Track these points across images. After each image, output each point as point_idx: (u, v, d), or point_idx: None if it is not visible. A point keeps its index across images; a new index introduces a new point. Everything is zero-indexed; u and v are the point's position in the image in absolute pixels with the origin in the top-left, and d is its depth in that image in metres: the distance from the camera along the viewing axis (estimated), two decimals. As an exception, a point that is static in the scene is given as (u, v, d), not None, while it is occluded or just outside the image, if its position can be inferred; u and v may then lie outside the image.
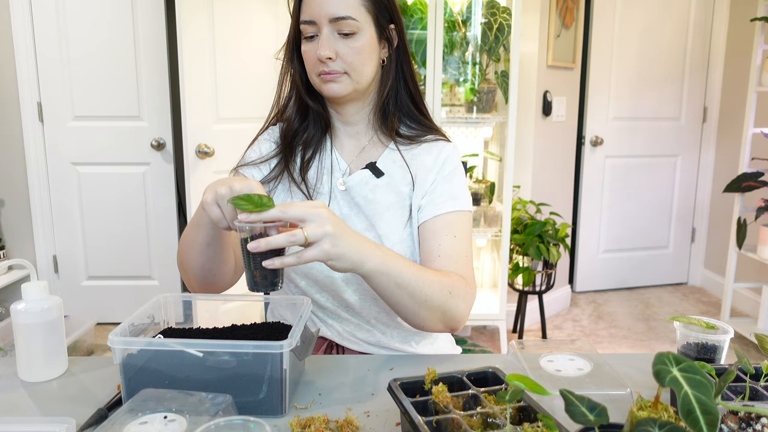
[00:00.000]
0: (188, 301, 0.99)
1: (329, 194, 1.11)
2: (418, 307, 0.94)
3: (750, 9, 3.35)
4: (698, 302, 3.66)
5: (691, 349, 0.88)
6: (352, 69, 1.03)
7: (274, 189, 1.14)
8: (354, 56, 1.02)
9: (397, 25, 1.09)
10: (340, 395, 0.86)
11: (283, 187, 1.14)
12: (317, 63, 1.03)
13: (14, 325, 0.88)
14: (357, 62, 1.03)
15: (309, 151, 1.15)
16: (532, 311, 3.19)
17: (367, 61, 1.04)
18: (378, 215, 1.08)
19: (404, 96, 1.13)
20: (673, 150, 3.81)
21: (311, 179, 1.13)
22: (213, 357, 0.77)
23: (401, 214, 1.08)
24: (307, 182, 1.13)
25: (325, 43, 1.01)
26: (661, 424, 0.53)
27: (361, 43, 1.02)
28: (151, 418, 0.69)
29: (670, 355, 0.56)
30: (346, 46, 1.02)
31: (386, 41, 1.08)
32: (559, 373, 0.92)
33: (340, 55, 1.02)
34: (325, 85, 1.05)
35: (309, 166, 1.14)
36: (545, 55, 3.09)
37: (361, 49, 1.02)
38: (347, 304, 1.10)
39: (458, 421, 0.65)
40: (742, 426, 0.62)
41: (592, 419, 0.57)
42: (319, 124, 1.15)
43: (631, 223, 3.83)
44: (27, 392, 0.87)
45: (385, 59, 1.09)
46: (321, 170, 1.13)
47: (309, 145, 1.14)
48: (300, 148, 1.15)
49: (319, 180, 1.13)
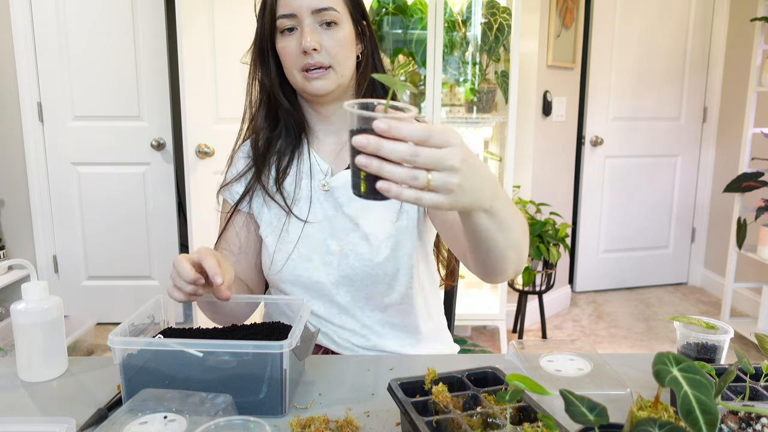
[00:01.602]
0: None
1: (309, 199, 1.09)
2: (507, 250, 0.82)
3: (750, 9, 3.35)
4: (698, 302, 3.66)
5: (691, 349, 0.88)
6: (337, 62, 1.02)
7: (250, 203, 1.12)
8: (338, 48, 1.01)
9: (367, 21, 1.09)
10: (340, 395, 0.86)
11: (258, 200, 1.12)
12: (300, 57, 1.01)
13: (14, 325, 0.88)
14: (341, 54, 1.02)
15: (284, 159, 1.11)
16: (532, 311, 3.19)
17: (349, 54, 1.04)
18: (362, 214, 1.06)
19: (380, 90, 1.12)
20: (673, 150, 3.81)
21: (289, 187, 1.11)
22: (213, 357, 0.77)
23: (389, 209, 1.07)
24: (284, 191, 1.10)
25: (309, 33, 0.99)
26: (661, 424, 0.53)
27: (343, 34, 1.02)
28: (151, 418, 0.69)
29: (670, 355, 0.56)
30: (330, 38, 1.01)
31: (360, 37, 1.08)
32: (559, 373, 0.92)
33: (324, 47, 1.00)
34: (310, 83, 1.02)
35: (286, 174, 1.11)
36: (545, 55, 3.09)
37: (343, 41, 1.02)
38: (339, 306, 1.08)
39: (458, 421, 0.65)
40: (742, 426, 0.62)
41: (592, 419, 0.57)
42: (292, 129, 1.11)
43: (631, 223, 3.83)
44: (27, 392, 0.87)
45: (360, 55, 1.09)
46: (299, 176, 1.11)
47: (284, 153, 1.11)
48: (275, 157, 1.11)
49: (297, 186, 1.10)
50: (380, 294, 1.08)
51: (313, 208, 1.09)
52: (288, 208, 1.09)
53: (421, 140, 0.61)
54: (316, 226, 1.08)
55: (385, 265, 1.05)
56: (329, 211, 1.08)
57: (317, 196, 1.09)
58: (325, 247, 1.07)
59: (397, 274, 1.07)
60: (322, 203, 1.09)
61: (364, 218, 1.06)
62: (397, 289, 1.08)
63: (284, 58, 1.03)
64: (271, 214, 1.11)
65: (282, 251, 1.08)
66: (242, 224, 1.14)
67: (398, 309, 1.10)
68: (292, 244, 1.08)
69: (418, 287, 1.11)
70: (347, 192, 1.06)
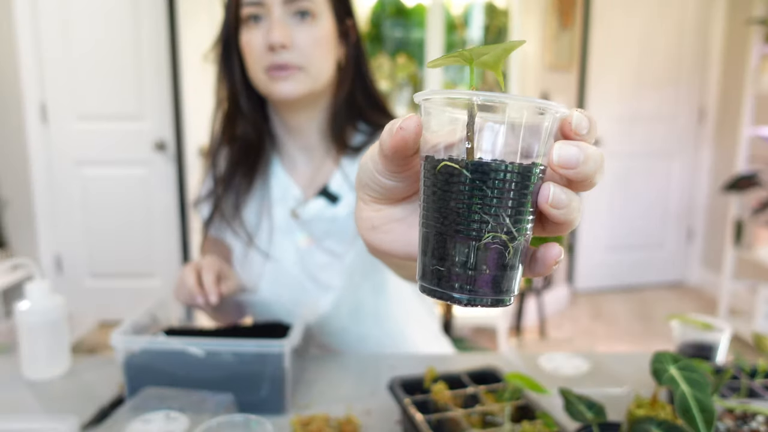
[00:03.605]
0: (190, 300, 0.99)
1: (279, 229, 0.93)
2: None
3: (746, 11, 3.36)
4: (695, 301, 3.67)
5: (688, 347, 0.89)
6: (310, 63, 0.85)
7: (218, 228, 0.99)
8: (313, 47, 0.84)
9: (353, 21, 0.93)
10: (340, 393, 0.86)
11: (225, 228, 0.98)
12: (265, 54, 0.84)
13: (18, 323, 0.89)
14: (316, 55, 0.85)
15: (245, 180, 0.93)
16: (531, 310, 3.20)
17: (327, 56, 0.87)
18: (344, 247, 0.92)
19: (362, 100, 0.94)
20: (670, 150, 3.83)
21: (251, 214, 0.95)
22: (215, 356, 0.78)
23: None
24: (244, 221, 0.94)
25: (277, 26, 0.82)
26: (658, 422, 0.54)
27: (321, 31, 0.85)
28: (153, 417, 0.69)
29: (667, 353, 0.57)
30: (304, 33, 0.84)
31: (344, 38, 0.92)
32: (557, 371, 0.92)
33: (296, 44, 0.84)
34: (274, 84, 0.85)
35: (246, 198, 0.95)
36: (544, 56, 3.09)
37: (320, 39, 0.85)
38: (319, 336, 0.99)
39: (458, 420, 0.66)
40: (738, 424, 0.63)
41: (590, 417, 0.58)
42: (253, 143, 0.93)
43: (629, 222, 3.84)
44: (30, 390, 0.87)
45: (342, 59, 0.93)
46: (264, 203, 0.94)
47: (246, 173, 0.94)
48: (237, 178, 0.94)
49: (267, 214, 0.94)
50: (366, 327, 0.99)
51: (281, 241, 0.95)
52: (249, 239, 0.94)
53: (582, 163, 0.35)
54: (287, 261, 0.95)
55: (373, 302, 0.95)
56: (304, 243, 0.93)
57: (287, 226, 0.94)
58: (298, 284, 0.95)
59: (389, 307, 0.98)
60: (295, 233, 0.94)
61: (347, 252, 0.92)
62: (386, 324, 0.99)
63: (247, 54, 0.86)
64: (236, 242, 0.97)
65: (249, 284, 0.99)
66: (214, 246, 1.04)
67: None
68: (258, 278, 0.97)
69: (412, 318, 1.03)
70: (322, 225, 0.91)
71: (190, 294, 0.86)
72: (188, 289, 0.86)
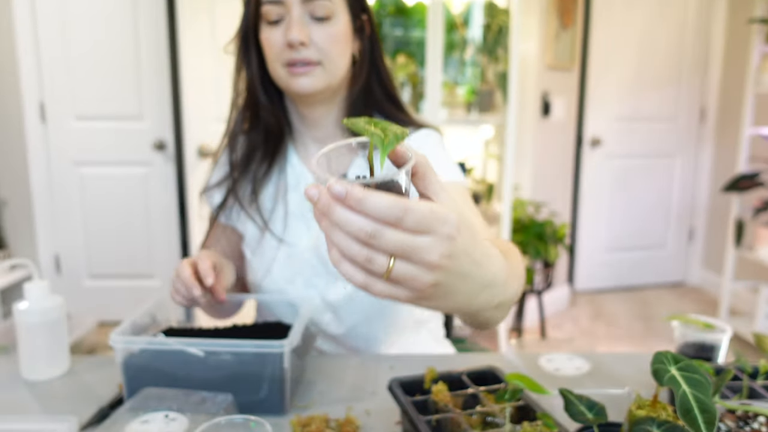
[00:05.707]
0: (189, 300, 0.99)
1: (294, 215, 0.96)
2: (501, 318, 0.66)
3: (747, 10, 3.35)
4: (696, 301, 3.67)
5: (689, 348, 0.89)
6: (328, 59, 0.90)
7: (230, 215, 1.02)
8: (330, 44, 0.89)
9: (369, 16, 0.97)
10: (340, 394, 0.86)
11: (237, 212, 1.02)
12: (284, 50, 0.89)
13: (17, 324, 0.89)
14: (333, 51, 0.90)
15: (262, 168, 0.98)
16: (532, 311, 3.19)
17: (343, 52, 0.92)
18: None
19: (378, 93, 0.99)
20: (671, 150, 3.82)
21: (267, 201, 0.99)
22: (214, 356, 0.77)
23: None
24: (261, 205, 0.98)
25: (297, 25, 0.87)
26: (659, 422, 0.54)
27: (337, 29, 0.90)
28: (152, 417, 0.69)
29: (668, 354, 0.56)
30: (322, 32, 0.89)
31: (359, 33, 0.96)
32: (558, 372, 0.92)
33: (314, 41, 0.89)
34: (294, 79, 0.90)
35: (263, 185, 0.99)
36: (544, 55, 3.09)
37: (337, 37, 0.90)
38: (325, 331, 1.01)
39: (458, 420, 0.66)
40: (739, 424, 0.63)
41: (590, 418, 0.58)
42: (273, 133, 0.99)
43: (630, 223, 3.84)
44: (29, 391, 0.87)
45: (357, 54, 0.97)
46: (283, 188, 0.98)
47: (263, 161, 0.99)
48: (254, 164, 0.99)
49: (280, 199, 0.98)
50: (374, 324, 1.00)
51: (296, 226, 0.98)
52: (264, 224, 0.98)
53: (389, 220, 0.42)
54: (300, 246, 0.98)
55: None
56: (316, 230, 0.96)
57: (302, 213, 0.98)
58: (311, 268, 0.98)
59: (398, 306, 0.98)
60: (308, 221, 0.98)
61: None
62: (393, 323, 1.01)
63: (267, 49, 0.92)
64: (250, 227, 1.01)
65: (261, 269, 1.01)
66: (222, 234, 1.07)
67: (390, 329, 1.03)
68: (272, 262, 0.99)
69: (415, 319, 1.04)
70: None
71: (186, 285, 0.85)
72: (183, 280, 0.85)
